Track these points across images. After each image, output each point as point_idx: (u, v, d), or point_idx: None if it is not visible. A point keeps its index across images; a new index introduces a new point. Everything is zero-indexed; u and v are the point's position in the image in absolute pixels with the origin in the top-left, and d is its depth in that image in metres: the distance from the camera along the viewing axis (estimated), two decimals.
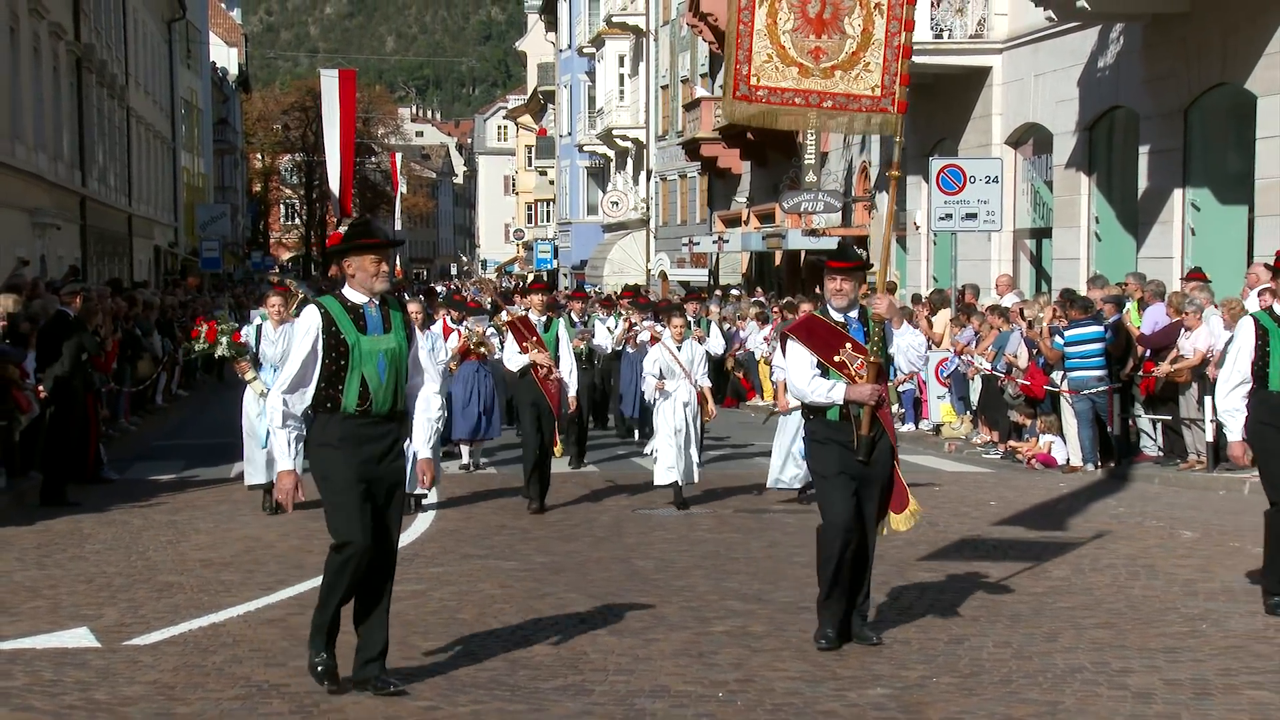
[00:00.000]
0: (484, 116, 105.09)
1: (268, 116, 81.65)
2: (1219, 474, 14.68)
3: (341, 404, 6.87)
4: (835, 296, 8.16)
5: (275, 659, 7.82)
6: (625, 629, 8.51)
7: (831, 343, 8.05)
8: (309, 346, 6.92)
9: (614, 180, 54.74)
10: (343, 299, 6.99)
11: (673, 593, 9.58)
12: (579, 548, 11.37)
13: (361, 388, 6.86)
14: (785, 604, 9.20)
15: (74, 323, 14.78)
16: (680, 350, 13.64)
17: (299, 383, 6.96)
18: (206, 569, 10.50)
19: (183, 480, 15.47)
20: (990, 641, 8.16)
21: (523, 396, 13.32)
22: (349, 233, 7.14)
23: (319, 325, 6.91)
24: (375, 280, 6.95)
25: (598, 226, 54.94)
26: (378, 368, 6.88)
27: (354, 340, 6.87)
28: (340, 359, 6.86)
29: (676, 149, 44.85)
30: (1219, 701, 6.89)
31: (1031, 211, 23.88)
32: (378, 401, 6.90)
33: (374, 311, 6.98)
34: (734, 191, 40.55)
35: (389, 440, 6.95)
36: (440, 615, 8.93)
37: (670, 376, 13.52)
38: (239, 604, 9.21)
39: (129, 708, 6.88)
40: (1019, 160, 23.94)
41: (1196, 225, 19.32)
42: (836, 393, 7.95)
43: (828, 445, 8.04)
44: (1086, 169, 21.66)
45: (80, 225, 33.23)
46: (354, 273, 6.97)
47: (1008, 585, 9.81)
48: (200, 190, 57.14)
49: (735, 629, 8.51)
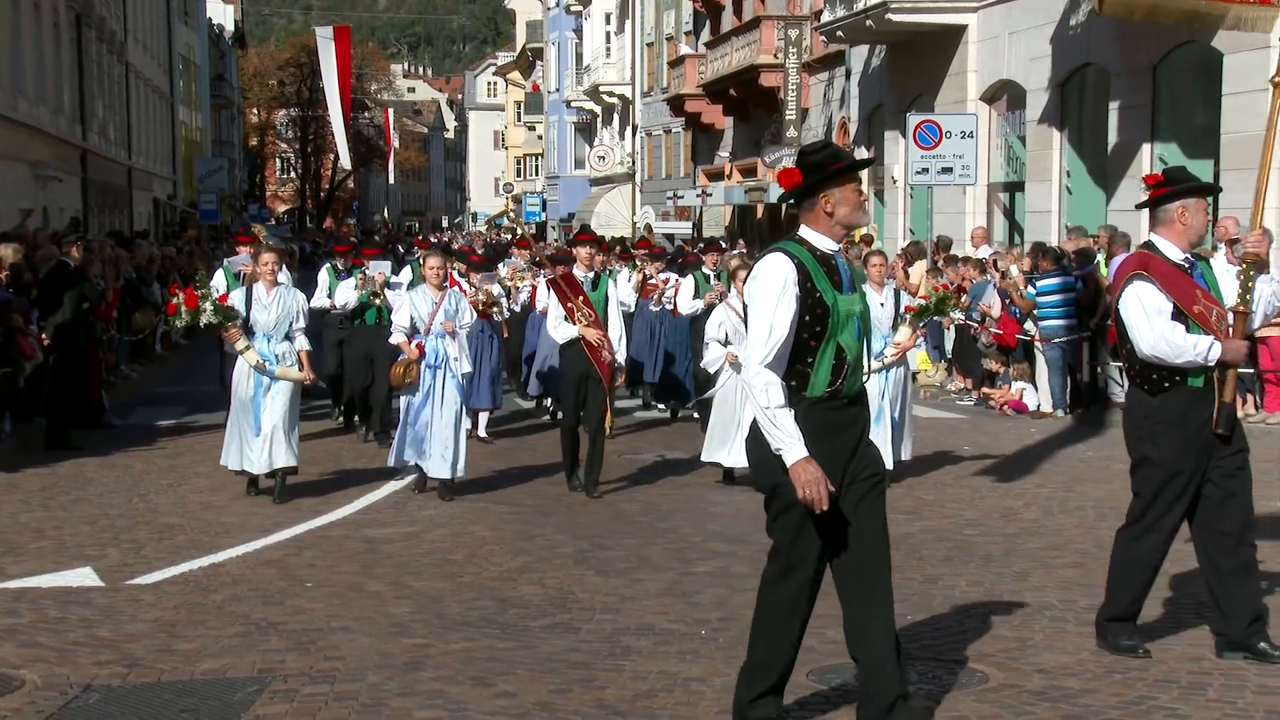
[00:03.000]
0: (474, 73, 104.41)
1: (263, 72, 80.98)
2: None
3: (809, 385, 5.14)
4: (1188, 232, 6.39)
5: (273, 598, 7.82)
6: (611, 569, 8.52)
7: (1186, 289, 6.37)
8: (792, 306, 5.07)
9: (600, 135, 54.47)
10: (809, 246, 5.19)
11: (657, 535, 9.60)
12: (567, 491, 11.36)
13: (835, 361, 5.14)
14: (766, 545, 9.17)
15: (75, 273, 14.68)
16: None
17: (783, 357, 5.12)
18: (206, 511, 10.49)
19: (182, 426, 15.43)
20: (963, 581, 8.19)
21: (569, 368, 11.19)
22: (820, 158, 5.22)
23: (795, 279, 5.10)
24: (861, 215, 5.33)
25: (585, 180, 54.70)
26: (854, 335, 5.20)
27: (832, 300, 5.12)
28: (816, 325, 5.10)
29: (661, 105, 44.61)
30: (1180, 635, 6.92)
31: (1005, 166, 23.80)
32: (850, 380, 5.21)
33: (844, 263, 5.31)
34: (717, 146, 40.38)
35: (859, 429, 5.26)
36: (432, 556, 8.94)
37: (738, 339, 11.09)
38: (238, 545, 9.21)
39: (132, 644, 6.88)
40: (993, 116, 23.84)
41: None
42: (1214, 351, 6.30)
43: (1184, 425, 6.34)
44: (1058, 124, 21.58)
45: (81, 178, 32.98)
46: (832, 209, 5.19)
47: (980, 527, 9.85)
48: (198, 144, 56.72)
49: (717, 569, 8.53)
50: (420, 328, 10.95)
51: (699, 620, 7.33)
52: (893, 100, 26.47)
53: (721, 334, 11.18)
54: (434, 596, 7.86)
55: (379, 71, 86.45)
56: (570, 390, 11.18)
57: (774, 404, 5.04)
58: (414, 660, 6.58)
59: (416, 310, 11.01)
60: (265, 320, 10.82)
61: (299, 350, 10.93)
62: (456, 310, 11.10)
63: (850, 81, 29.33)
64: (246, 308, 10.83)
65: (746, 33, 34.32)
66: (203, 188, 48.65)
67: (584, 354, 11.04)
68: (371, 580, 8.27)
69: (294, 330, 10.93)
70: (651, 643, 6.92)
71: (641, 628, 7.20)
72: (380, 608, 7.62)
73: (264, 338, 10.79)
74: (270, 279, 10.91)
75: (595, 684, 6.21)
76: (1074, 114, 21.61)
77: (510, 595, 7.89)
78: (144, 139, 43.76)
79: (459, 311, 11.11)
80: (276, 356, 10.78)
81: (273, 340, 10.82)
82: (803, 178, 5.20)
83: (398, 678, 6.30)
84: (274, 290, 10.91)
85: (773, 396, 5.05)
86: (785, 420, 5.05)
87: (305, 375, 10.93)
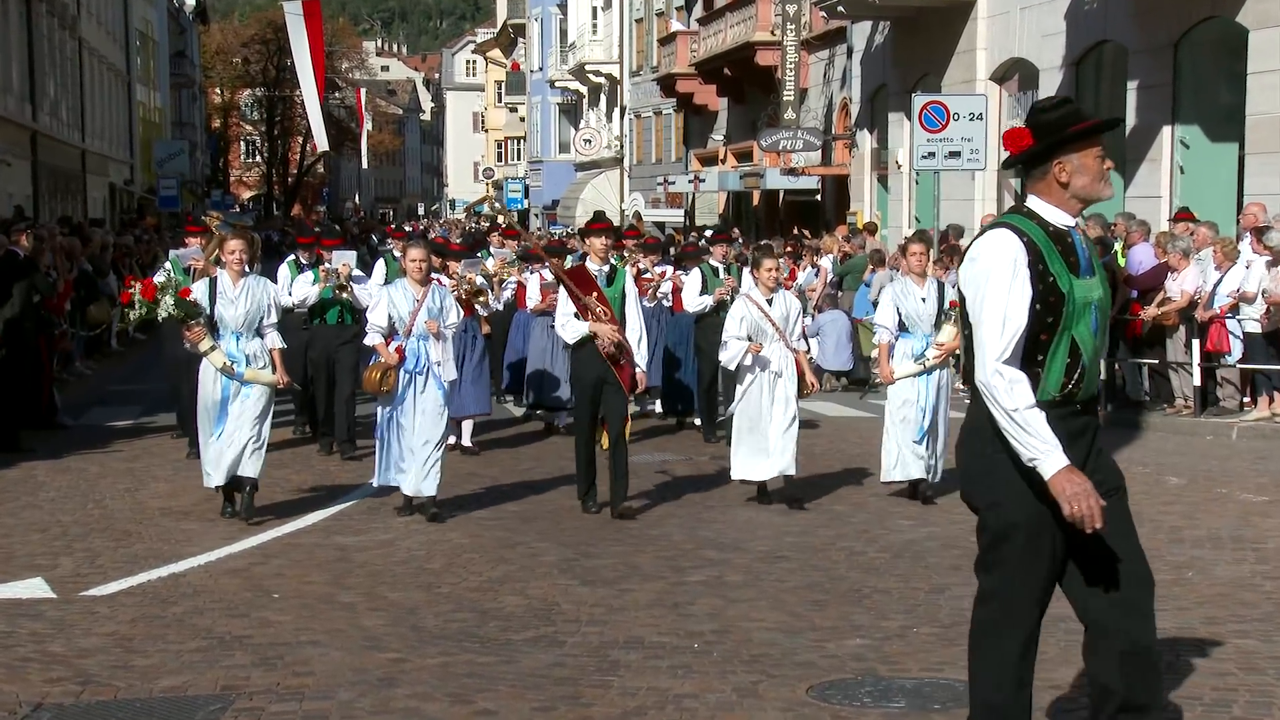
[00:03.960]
0: (452, 51, 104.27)
1: (227, 49, 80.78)
2: (1206, 419, 14.75)
3: (1038, 388, 4.54)
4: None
5: (238, 610, 7.80)
6: (598, 579, 8.52)
7: None
8: (1026, 291, 4.51)
9: (586, 117, 54.43)
10: (1040, 220, 4.62)
11: (647, 542, 9.59)
12: (551, 496, 11.35)
13: (1069, 360, 4.57)
14: (762, 553, 9.23)
15: (24, 263, 14.63)
16: (772, 305, 10.83)
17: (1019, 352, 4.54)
18: (166, 518, 10.46)
19: (140, 426, 15.39)
20: (971, 590, 8.15)
21: (583, 371, 10.51)
22: (1055, 118, 4.65)
23: (1025, 259, 4.54)
24: (1104, 186, 4.69)
25: (570, 165, 54.65)
26: (1091, 328, 4.60)
27: (1067, 286, 4.55)
28: (1048, 315, 4.53)
29: (651, 85, 44.60)
30: (1205, 651, 6.93)
31: None
32: (1088, 380, 4.61)
33: (1082, 241, 4.71)
34: (710, 129, 40.39)
35: (1089, 437, 4.65)
36: (408, 565, 8.92)
37: (761, 338, 10.81)
38: (200, 554, 9.18)
39: (86, 660, 6.86)
40: (1004, 97, 23.88)
41: (1185, 163, 19.32)
42: None
43: None
44: None
45: (31, 161, 32.91)
46: (1068, 178, 4.62)
47: None
48: (157, 126, 56.61)
49: (711, 578, 8.52)
50: (399, 328, 10.38)
51: (691, 633, 7.31)
52: (897, 80, 26.49)
53: (744, 331, 10.75)
54: (409, 608, 7.84)
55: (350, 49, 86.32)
56: (584, 398, 10.54)
57: (1023, 405, 4.46)
58: (388, 676, 6.57)
59: (395, 308, 10.42)
60: (232, 316, 10.15)
61: (271, 349, 10.31)
62: (441, 309, 10.51)
63: (852, 60, 29.35)
64: (210, 302, 10.16)
65: (742, 8, 34.33)
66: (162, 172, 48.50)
67: (598, 356, 10.36)
68: (343, 591, 8.25)
69: (265, 327, 10.29)
70: (641, 657, 6.91)
71: (630, 641, 7.19)
72: (352, 620, 7.60)
73: (231, 336, 10.15)
74: (237, 269, 10.23)
75: (581, 701, 6.20)
76: (1090, 95, 21.63)
77: (491, 607, 7.87)
78: (99, 120, 43.64)
79: (444, 310, 10.52)
80: (246, 357, 10.16)
81: (242, 339, 10.19)
82: (1034, 140, 4.65)
83: (371, 695, 6.29)
84: (241, 282, 10.22)
85: (1020, 396, 4.46)
86: (1038, 423, 4.45)
87: (279, 378, 10.29)
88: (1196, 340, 14.85)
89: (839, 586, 8.33)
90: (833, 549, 9.38)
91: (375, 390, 10.40)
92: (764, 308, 10.79)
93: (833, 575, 8.62)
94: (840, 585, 8.36)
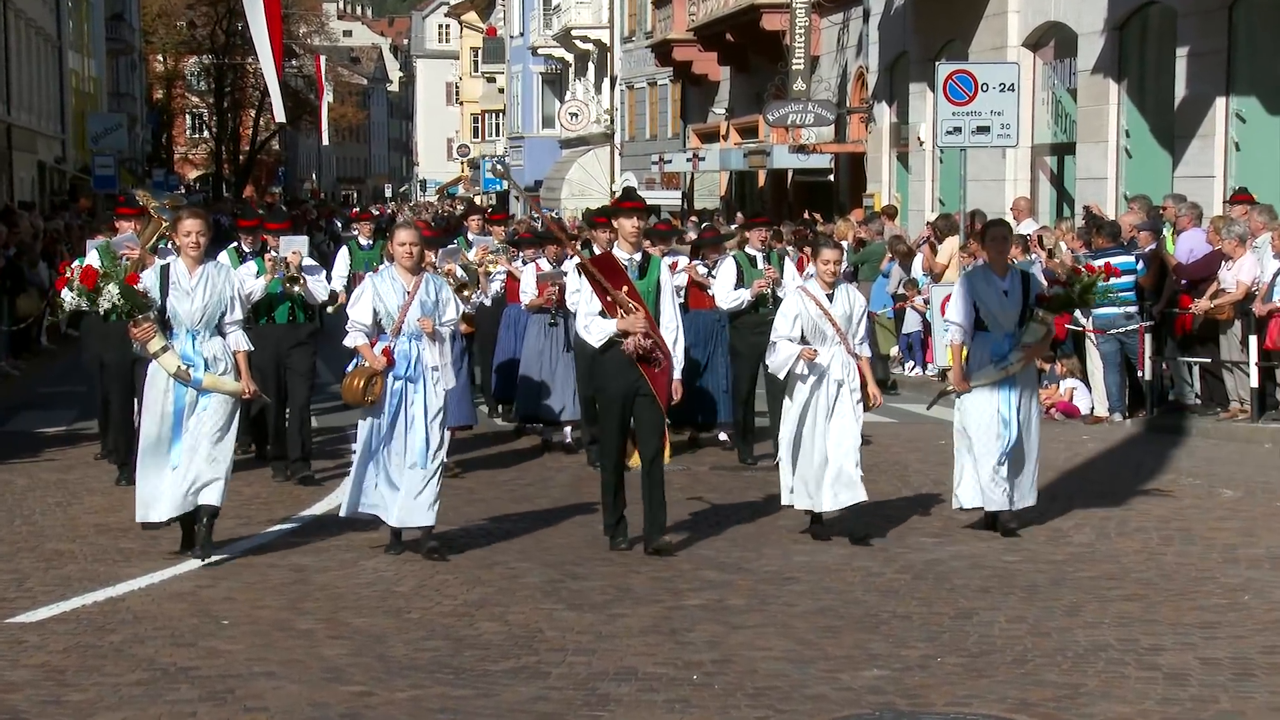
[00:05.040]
0: (422, 14, 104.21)
1: (170, 11, 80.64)
2: (1265, 424, 14.77)
3: None
4: None
5: (183, 638, 7.80)
6: (586, 602, 8.52)
7: None
8: None
9: (573, 89, 54.41)
10: None
11: (640, 561, 9.60)
12: (533, 510, 11.36)
13: None
14: (769, 574, 9.24)
15: None
16: (833, 301, 10.20)
17: None
18: (102, 535, 10.45)
19: (74, 434, 15.37)
20: (1002, 616, 8.21)
21: (611, 380, 9.85)
22: None
23: None
24: None
25: (554, 142, 54.64)
26: None
27: None
28: None
29: (645, 52, 44.59)
30: (1263, 682, 6.95)
31: (1052, 124, 23.85)
32: None
33: None
34: (711, 102, 40.38)
35: None
36: (375, 587, 8.92)
37: (818, 341, 10.15)
38: (140, 575, 9.18)
39: (13, 695, 6.85)
40: (1038, 65, 23.88)
41: (1241, 139, 19.33)
42: None
43: None
44: (1115, 75, 21.62)
45: None
46: None
47: (1022, 552, 9.86)
48: (92, 97, 56.51)
49: (711, 602, 8.53)
50: (387, 326, 9.74)
51: (690, 663, 7.32)
52: (919, 47, 26.49)
53: (797, 330, 10.14)
54: (375, 635, 7.84)
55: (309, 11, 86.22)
56: (613, 412, 9.86)
57: None
58: (352, 711, 6.57)
59: (382, 301, 9.73)
60: (188, 311, 9.51)
61: (235, 351, 9.70)
62: (437, 302, 9.85)
63: (869, 25, 29.34)
64: (163, 294, 9.52)
65: None
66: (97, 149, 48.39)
67: (629, 362, 9.67)
68: (301, 616, 8.25)
69: (227, 324, 9.66)
70: (634, 689, 6.91)
71: (622, 672, 7.19)
72: (312, 649, 7.60)
73: (187, 335, 9.53)
74: (194, 254, 9.54)
75: None
76: (1134, 62, 21.64)
77: (466, 634, 7.88)
78: (25, 91, 43.56)
79: (441, 304, 9.87)
80: (205, 360, 9.52)
81: (199, 338, 9.55)
82: None
83: None
84: (199, 270, 9.57)
85: None
86: None
87: (244, 386, 9.71)
88: (1254, 336, 14.86)
89: (854, 611, 8.34)
90: (846, 569, 9.38)
91: (357, 401, 9.71)
92: (824, 304, 10.14)
93: (847, 599, 8.63)
94: (855, 610, 8.37)
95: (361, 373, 9.69)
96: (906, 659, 7.38)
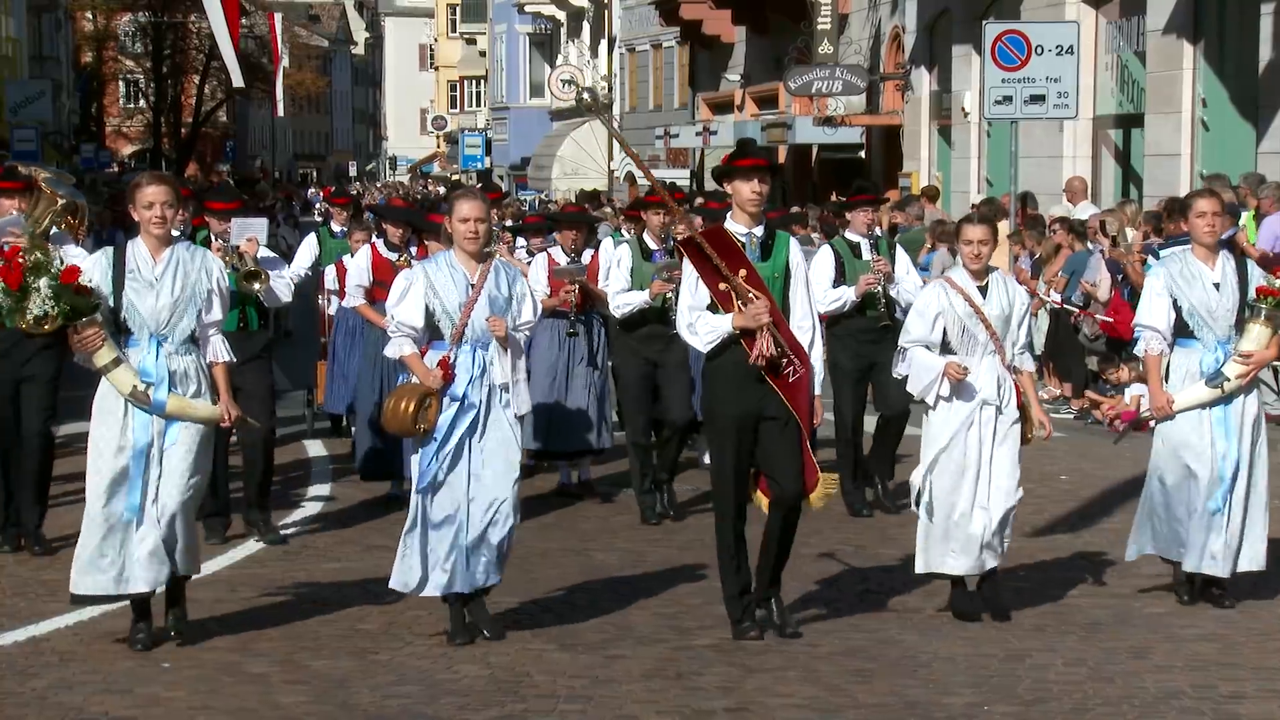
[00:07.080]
0: None
1: None
2: None
3: None
4: None
5: (117, 683, 7.80)
6: (580, 643, 8.53)
7: None
8: None
9: (565, 52, 54.47)
10: None
11: (641, 594, 9.60)
12: (521, 537, 11.32)
13: None
14: (789, 609, 9.23)
15: None
16: (986, 297, 8.96)
17: None
18: (22, 567, 10.45)
19: None
20: (1059, 659, 8.21)
21: (725, 397, 8.54)
22: None
23: None
24: None
25: (544, 113, 54.73)
26: None
27: None
28: None
29: (648, 10, 44.63)
30: None
31: (1117, 93, 23.87)
32: None
33: None
34: (724, 67, 40.44)
35: None
36: (339, 624, 8.93)
37: (966, 350, 8.93)
38: (68, 612, 9.16)
39: None
40: (1101, 24, 23.92)
41: None
42: None
43: None
44: (1191, 36, 21.65)
45: None
46: None
47: (1081, 585, 9.87)
48: (10, 61, 56.59)
49: (724, 641, 8.53)
50: (445, 330, 8.55)
51: (700, 711, 7.33)
52: (963, 4, 26.53)
53: (936, 333, 8.98)
54: (338, 680, 7.84)
55: None
56: (728, 440, 8.55)
57: None
58: None
59: (438, 297, 8.49)
60: (152, 309, 8.30)
61: (213, 364, 8.52)
62: (511, 298, 8.64)
63: None
64: (116, 288, 8.33)
65: None
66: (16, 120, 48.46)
67: (750, 372, 8.37)
68: (252, 659, 8.25)
69: (204, 328, 8.49)
70: None
71: None
72: (265, 696, 7.60)
73: (150, 342, 8.30)
74: (159, 233, 8.36)
75: None
76: (1212, 21, 21.67)
77: (443, 678, 7.88)
78: None
79: (516, 301, 8.67)
80: (171, 375, 8.29)
81: (165, 346, 8.32)
82: None
83: None
84: (167, 253, 8.39)
85: None
86: None
87: (222, 410, 8.50)
88: None
89: (888, 653, 8.35)
90: (879, 604, 9.39)
91: (407, 430, 8.49)
92: (975, 299, 8.90)
93: (880, 638, 8.63)
94: (890, 651, 8.38)
95: (411, 391, 8.44)
96: (950, 708, 7.39)
